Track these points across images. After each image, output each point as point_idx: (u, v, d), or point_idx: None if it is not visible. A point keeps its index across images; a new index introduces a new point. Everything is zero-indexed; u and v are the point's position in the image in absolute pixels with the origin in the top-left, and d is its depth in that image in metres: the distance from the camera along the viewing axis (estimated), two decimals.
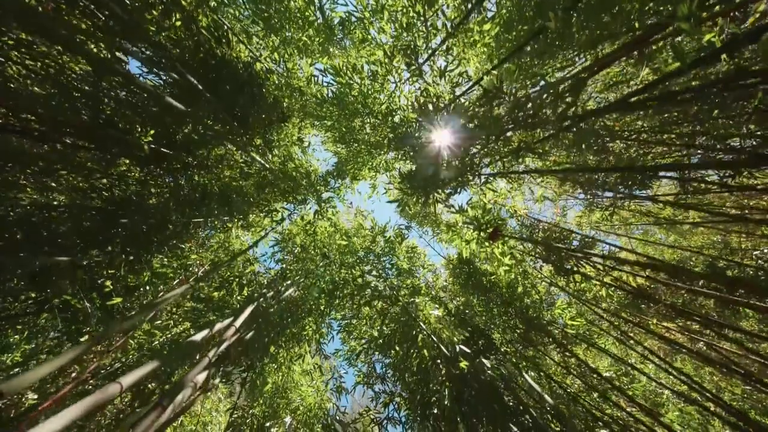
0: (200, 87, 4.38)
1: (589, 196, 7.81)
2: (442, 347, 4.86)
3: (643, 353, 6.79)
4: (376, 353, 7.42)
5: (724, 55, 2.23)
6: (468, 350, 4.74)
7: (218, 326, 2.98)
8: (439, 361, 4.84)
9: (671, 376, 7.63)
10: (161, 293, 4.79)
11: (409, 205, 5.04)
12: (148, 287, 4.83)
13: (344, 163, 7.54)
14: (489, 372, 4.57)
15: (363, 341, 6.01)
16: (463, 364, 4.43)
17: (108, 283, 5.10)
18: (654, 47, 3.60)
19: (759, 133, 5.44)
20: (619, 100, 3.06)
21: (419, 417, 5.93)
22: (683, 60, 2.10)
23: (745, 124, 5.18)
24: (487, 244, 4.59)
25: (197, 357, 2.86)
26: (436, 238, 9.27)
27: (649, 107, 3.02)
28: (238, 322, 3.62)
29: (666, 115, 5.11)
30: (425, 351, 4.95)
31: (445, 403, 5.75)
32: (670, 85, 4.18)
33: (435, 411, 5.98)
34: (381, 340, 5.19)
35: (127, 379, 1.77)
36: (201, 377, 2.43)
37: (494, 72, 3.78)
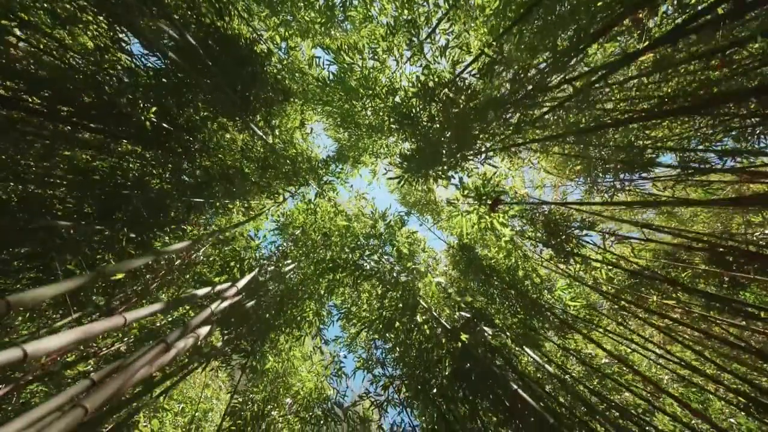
0: (202, 62, 4.41)
1: (589, 181, 7.82)
2: (443, 321, 4.88)
3: (644, 336, 6.79)
4: (376, 337, 7.45)
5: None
6: (469, 315, 4.75)
7: (219, 287, 3.01)
8: (440, 331, 4.85)
9: (672, 358, 7.64)
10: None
11: (409, 181, 5.05)
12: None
13: (345, 149, 7.56)
14: (490, 341, 4.57)
15: (364, 320, 6.02)
16: (464, 337, 4.44)
17: (111, 258, 5.14)
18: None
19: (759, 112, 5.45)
20: (619, 61, 3.06)
21: (419, 396, 5.95)
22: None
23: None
24: (487, 216, 4.60)
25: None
26: (436, 225, 9.29)
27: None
28: (240, 284, 3.64)
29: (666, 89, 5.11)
30: (425, 326, 4.97)
31: (444, 381, 5.77)
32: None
33: (435, 391, 6.01)
34: (382, 320, 5.20)
35: (131, 315, 1.79)
36: (204, 330, 2.45)
37: (495, 44, 3.80)
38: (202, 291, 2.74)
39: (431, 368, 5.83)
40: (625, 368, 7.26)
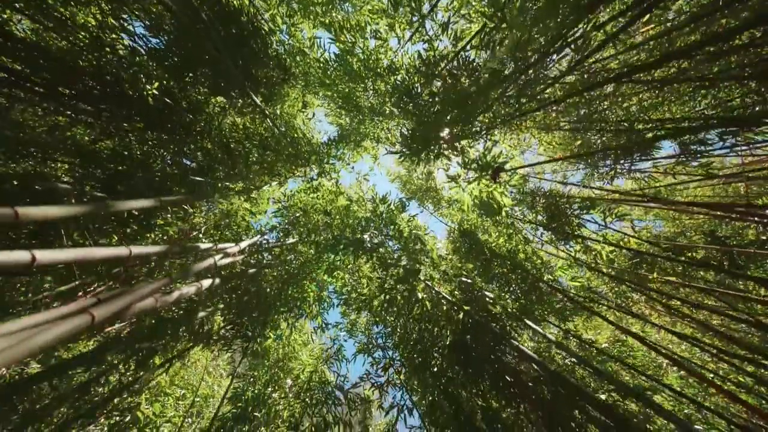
0: (203, 36, 4.42)
1: (590, 165, 7.83)
2: (443, 293, 4.90)
3: (644, 319, 6.81)
4: (376, 320, 7.47)
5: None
6: (470, 281, 4.77)
7: (221, 245, 3.03)
8: (441, 302, 4.86)
9: (672, 341, 7.66)
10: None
11: (410, 158, 5.06)
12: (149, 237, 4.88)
13: (347, 134, 7.58)
14: (491, 308, 4.59)
15: (364, 297, 6.05)
16: (465, 307, 4.46)
17: (114, 236, 5.16)
18: None
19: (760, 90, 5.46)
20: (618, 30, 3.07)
21: (419, 376, 5.97)
22: None
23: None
24: (489, 186, 4.61)
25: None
26: (437, 213, 9.32)
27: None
28: (242, 245, 3.67)
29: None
30: (426, 300, 4.99)
31: (444, 361, 5.78)
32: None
33: (435, 369, 6.03)
34: (384, 292, 5.22)
35: (136, 249, 1.81)
36: (206, 282, 2.47)
37: (497, 13, 3.81)
38: (203, 246, 2.76)
39: (431, 348, 5.85)
40: (625, 350, 7.29)
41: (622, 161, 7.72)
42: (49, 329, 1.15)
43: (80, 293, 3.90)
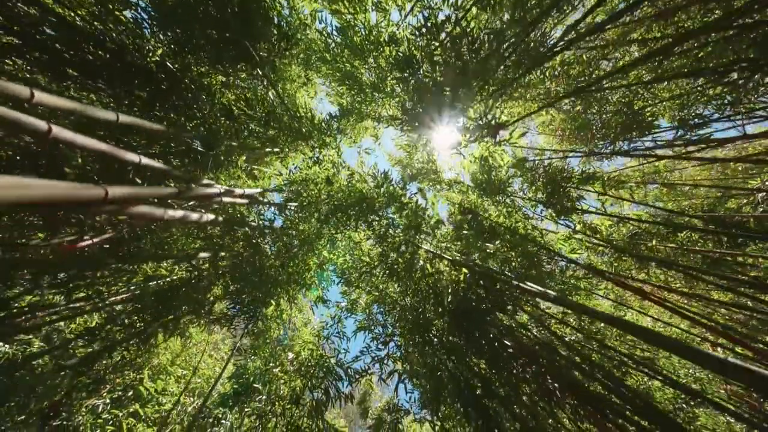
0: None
1: (589, 148, 7.88)
2: (445, 256, 4.95)
3: (644, 297, 6.86)
4: (376, 294, 7.52)
5: None
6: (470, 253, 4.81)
7: (226, 187, 3.07)
8: (444, 263, 4.90)
9: (672, 318, 7.71)
10: None
11: (410, 130, 5.11)
12: None
13: (348, 112, 7.64)
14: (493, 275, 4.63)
15: (365, 265, 6.11)
16: (465, 270, 4.51)
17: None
18: None
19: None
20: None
21: (418, 346, 6.02)
22: None
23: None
24: (491, 146, 4.66)
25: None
26: (438, 195, 9.37)
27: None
28: (247, 191, 3.72)
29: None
30: (427, 259, 5.04)
31: (445, 333, 5.84)
32: None
33: (435, 341, 6.08)
34: (387, 252, 5.26)
35: (145, 159, 1.86)
36: (208, 216, 2.52)
37: None
38: (209, 182, 2.81)
39: (431, 318, 5.90)
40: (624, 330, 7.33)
41: (621, 140, 7.77)
42: (59, 186, 1.20)
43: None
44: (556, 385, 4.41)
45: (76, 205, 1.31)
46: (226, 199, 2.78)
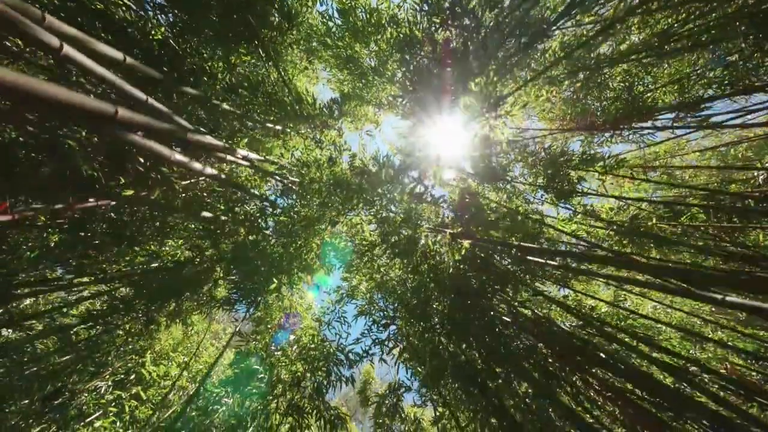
0: None
1: (590, 132, 7.90)
2: (447, 231, 4.97)
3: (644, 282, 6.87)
4: (377, 278, 7.55)
5: None
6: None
7: (228, 147, 3.11)
8: (448, 246, 4.92)
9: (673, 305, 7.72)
10: None
11: (408, 114, 5.14)
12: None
13: (349, 98, 7.67)
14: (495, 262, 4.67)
15: (367, 244, 6.14)
16: (466, 243, 4.55)
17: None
18: None
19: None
20: None
21: (418, 326, 6.05)
22: None
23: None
24: (488, 123, 4.69)
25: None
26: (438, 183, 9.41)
27: None
28: (251, 155, 3.76)
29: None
30: (428, 237, 5.07)
31: (445, 316, 5.86)
32: None
33: (434, 322, 6.11)
34: (388, 229, 5.29)
35: (152, 100, 1.90)
36: (210, 171, 2.55)
37: None
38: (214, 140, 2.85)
39: (432, 297, 5.93)
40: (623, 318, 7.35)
41: (621, 127, 7.80)
42: (74, 95, 1.24)
43: None
44: (557, 358, 4.44)
45: (87, 118, 1.34)
46: (229, 157, 2.82)
